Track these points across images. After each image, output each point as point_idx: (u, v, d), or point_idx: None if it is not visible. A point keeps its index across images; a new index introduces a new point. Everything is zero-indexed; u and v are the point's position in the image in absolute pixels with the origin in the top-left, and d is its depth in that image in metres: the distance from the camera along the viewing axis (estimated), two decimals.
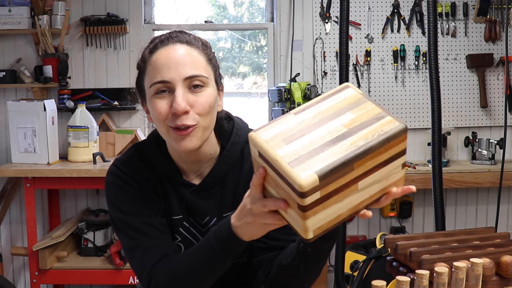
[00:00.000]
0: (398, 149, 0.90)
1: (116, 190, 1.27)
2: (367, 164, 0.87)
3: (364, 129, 0.89)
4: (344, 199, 0.89)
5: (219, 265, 1.13)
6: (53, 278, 2.92)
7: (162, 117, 1.16)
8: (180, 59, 1.16)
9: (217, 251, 1.10)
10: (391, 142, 0.88)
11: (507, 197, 3.44)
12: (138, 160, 1.29)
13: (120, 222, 1.26)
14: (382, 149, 0.87)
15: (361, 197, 0.91)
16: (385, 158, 0.89)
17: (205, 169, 1.29)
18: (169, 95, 1.16)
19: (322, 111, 0.93)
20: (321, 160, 0.85)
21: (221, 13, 3.69)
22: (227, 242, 1.08)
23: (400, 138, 0.89)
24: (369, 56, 3.32)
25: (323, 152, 0.86)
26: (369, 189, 0.91)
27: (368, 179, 0.89)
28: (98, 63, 3.31)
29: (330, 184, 0.85)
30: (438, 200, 2.38)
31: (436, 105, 2.36)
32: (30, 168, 2.84)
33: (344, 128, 0.89)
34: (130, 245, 1.24)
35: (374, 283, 0.88)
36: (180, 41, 1.19)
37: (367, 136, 0.88)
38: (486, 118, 3.40)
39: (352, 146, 0.86)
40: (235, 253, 1.11)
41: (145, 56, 1.20)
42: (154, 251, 1.21)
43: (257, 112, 3.59)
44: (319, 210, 0.87)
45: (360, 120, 0.90)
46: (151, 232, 1.24)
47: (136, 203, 1.25)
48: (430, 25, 2.33)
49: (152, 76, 1.17)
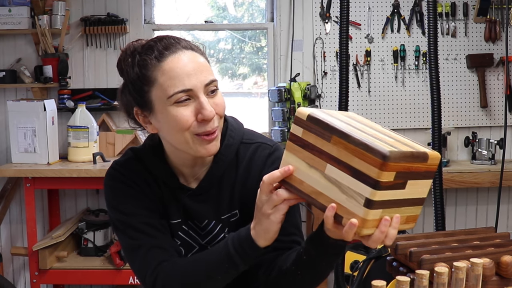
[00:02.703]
0: (369, 169, 0.88)
1: (115, 191, 1.27)
2: (341, 150, 0.91)
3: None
4: (312, 169, 0.95)
5: (232, 269, 1.13)
6: (53, 278, 2.92)
7: (187, 125, 1.13)
8: (195, 66, 1.14)
9: (232, 255, 1.11)
10: (366, 153, 0.87)
11: (507, 197, 3.44)
12: (136, 163, 1.28)
13: (120, 223, 1.25)
14: (358, 151, 0.88)
15: (323, 187, 0.93)
16: (354, 164, 0.89)
17: (201, 172, 1.28)
18: (191, 102, 1.14)
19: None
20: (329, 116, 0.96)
21: (221, 14, 3.69)
22: (243, 247, 1.09)
23: (376, 161, 0.86)
24: (369, 56, 3.32)
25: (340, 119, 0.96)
26: (332, 187, 0.92)
27: (335, 170, 0.91)
28: (98, 63, 3.31)
29: (310, 132, 0.95)
30: (438, 200, 2.39)
31: (436, 105, 2.36)
32: (30, 168, 2.84)
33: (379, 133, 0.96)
34: (132, 245, 1.24)
35: (374, 283, 0.88)
36: (184, 47, 1.17)
37: (368, 137, 0.89)
38: (486, 118, 3.40)
39: (351, 129, 0.91)
40: (250, 258, 1.11)
41: (151, 64, 1.13)
42: (159, 251, 1.21)
43: (257, 112, 3.59)
44: (295, 150, 0.98)
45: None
46: (153, 232, 1.23)
47: (136, 203, 1.25)
48: (430, 25, 2.33)
49: (170, 86, 1.12)
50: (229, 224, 1.29)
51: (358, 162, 0.88)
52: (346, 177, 0.90)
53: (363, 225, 0.90)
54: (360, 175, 0.88)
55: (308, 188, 0.96)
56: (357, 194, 0.89)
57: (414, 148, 0.92)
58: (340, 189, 0.91)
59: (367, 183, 0.87)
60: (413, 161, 0.90)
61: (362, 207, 0.88)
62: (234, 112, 1.39)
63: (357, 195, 0.89)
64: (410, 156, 0.89)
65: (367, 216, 0.89)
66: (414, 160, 0.90)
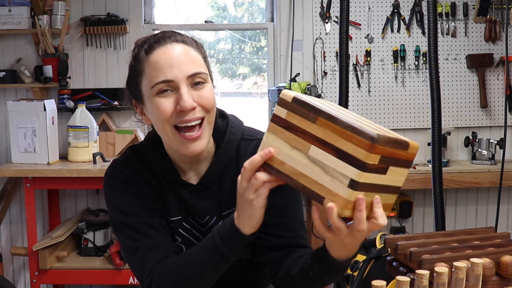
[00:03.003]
0: (356, 151, 0.88)
1: (115, 191, 1.27)
2: (327, 132, 0.91)
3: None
4: (294, 150, 0.95)
5: (222, 262, 1.12)
6: (53, 278, 2.92)
7: (166, 115, 1.15)
8: (180, 58, 1.16)
9: (219, 247, 1.10)
10: (354, 135, 0.88)
11: (507, 197, 3.44)
12: (136, 161, 1.28)
13: (119, 223, 1.25)
14: (345, 133, 0.89)
15: (306, 168, 0.93)
16: (341, 146, 0.89)
17: (202, 168, 1.28)
18: (172, 94, 1.15)
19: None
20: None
21: (221, 14, 3.69)
22: (229, 237, 1.09)
23: (364, 143, 0.87)
24: (369, 56, 3.32)
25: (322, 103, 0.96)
26: (314, 167, 0.92)
27: (319, 151, 0.92)
28: (98, 63, 3.31)
29: (295, 114, 0.95)
30: (438, 200, 2.39)
31: (436, 105, 2.36)
32: (30, 168, 2.84)
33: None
34: (131, 246, 1.24)
35: (374, 283, 0.88)
36: (176, 40, 1.19)
37: (356, 119, 0.92)
38: (486, 118, 3.40)
39: (337, 112, 0.92)
40: (237, 248, 1.10)
41: (141, 57, 1.18)
42: (155, 252, 1.21)
43: (257, 112, 3.59)
44: (277, 131, 0.98)
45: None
46: (152, 233, 1.23)
47: (136, 202, 1.25)
48: (430, 25, 2.33)
49: (153, 77, 1.15)
50: None
51: (344, 144, 0.89)
52: (331, 158, 0.90)
53: (346, 205, 0.89)
54: (346, 157, 0.88)
55: (289, 169, 0.96)
56: (342, 175, 0.89)
57: (395, 135, 0.94)
58: (324, 170, 0.91)
59: (353, 164, 0.88)
60: (396, 147, 0.90)
61: (346, 188, 0.88)
62: (234, 112, 1.39)
63: (341, 176, 0.89)
64: (394, 141, 0.90)
65: (351, 197, 0.89)
66: (397, 146, 0.91)
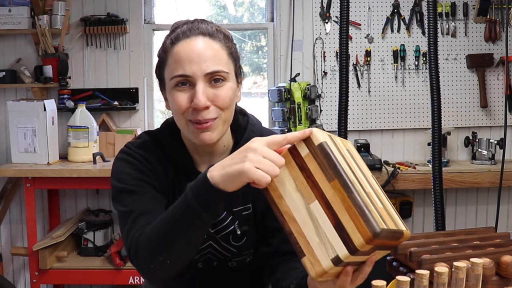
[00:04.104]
0: (354, 234, 0.86)
1: (122, 163, 1.23)
2: (337, 198, 0.88)
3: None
4: (297, 193, 0.92)
5: (194, 219, 1.01)
6: (53, 278, 2.92)
7: (181, 110, 1.15)
8: (202, 53, 1.14)
9: (191, 203, 1.00)
10: (360, 219, 0.85)
11: (507, 197, 3.44)
12: (152, 144, 1.26)
13: (117, 191, 1.21)
14: (353, 211, 0.86)
15: (301, 217, 0.91)
16: (342, 220, 0.87)
17: (217, 162, 1.27)
18: (189, 89, 1.15)
19: None
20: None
21: (221, 13, 3.69)
22: (201, 191, 0.99)
23: (365, 233, 0.85)
24: (369, 56, 3.32)
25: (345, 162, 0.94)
26: (309, 222, 0.90)
27: (321, 211, 0.89)
28: (98, 63, 3.31)
29: (315, 160, 0.91)
30: (438, 200, 2.39)
31: (436, 105, 2.36)
32: (30, 168, 2.84)
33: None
34: (124, 212, 1.18)
35: (374, 283, 0.88)
36: (202, 33, 1.17)
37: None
38: (486, 118, 3.40)
39: (354, 179, 0.90)
40: (211, 204, 1.00)
41: (167, 46, 1.19)
42: (144, 217, 1.15)
43: (257, 112, 3.59)
44: (290, 164, 0.93)
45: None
46: (147, 201, 1.18)
47: (139, 176, 1.21)
48: (430, 25, 2.34)
49: (173, 69, 1.16)
50: (241, 217, 1.27)
51: (347, 220, 0.86)
52: (328, 225, 0.88)
53: (321, 274, 0.89)
54: (342, 233, 0.86)
55: (284, 207, 0.93)
56: (330, 247, 0.87)
57: (395, 221, 0.93)
58: (316, 230, 0.89)
59: (346, 244, 0.86)
60: (391, 238, 0.90)
61: (329, 261, 0.87)
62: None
63: (330, 247, 0.87)
64: (392, 233, 0.89)
65: (329, 270, 0.88)
66: (392, 237, 0.90)
